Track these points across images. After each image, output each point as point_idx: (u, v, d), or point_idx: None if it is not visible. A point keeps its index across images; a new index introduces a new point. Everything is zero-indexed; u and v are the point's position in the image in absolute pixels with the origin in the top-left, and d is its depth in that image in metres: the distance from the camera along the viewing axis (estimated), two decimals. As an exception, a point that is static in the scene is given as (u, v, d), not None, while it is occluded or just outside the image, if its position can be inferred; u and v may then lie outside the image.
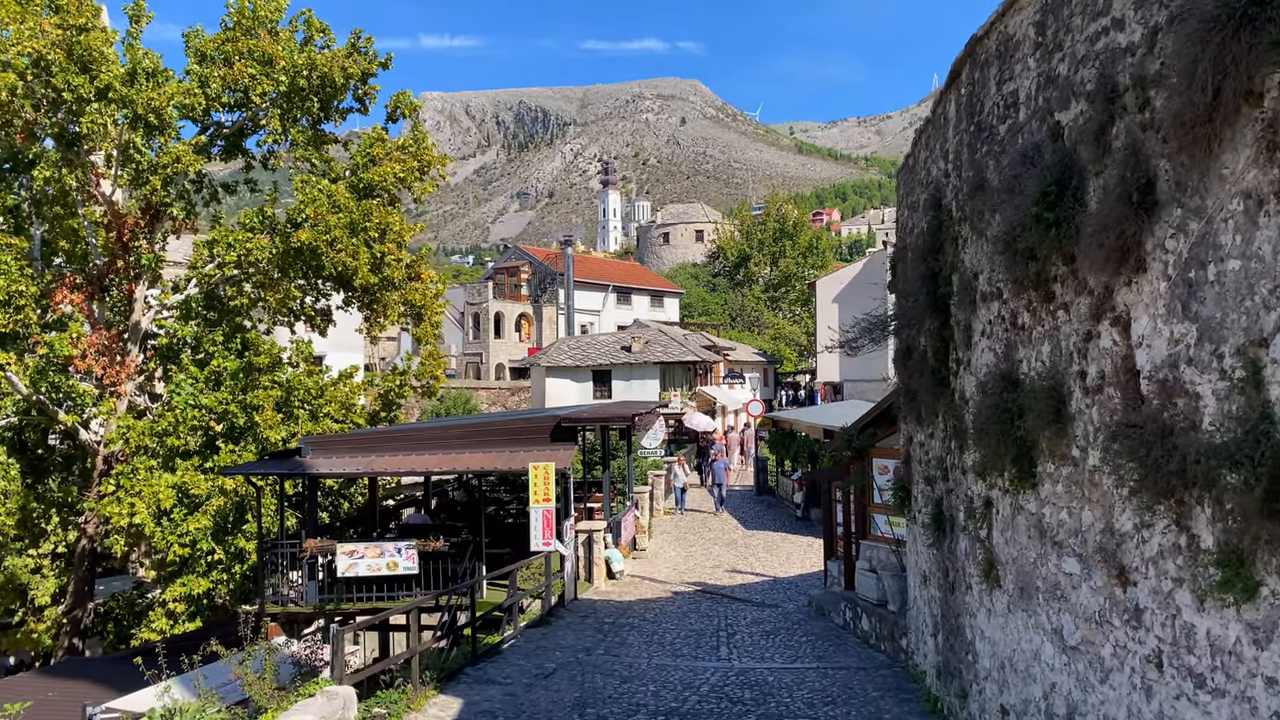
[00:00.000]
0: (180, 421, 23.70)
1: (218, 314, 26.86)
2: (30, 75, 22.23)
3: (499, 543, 19.95)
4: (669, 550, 25.73)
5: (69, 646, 25.25)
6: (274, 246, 24.89)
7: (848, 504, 16.28)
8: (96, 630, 26.18)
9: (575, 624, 15.96)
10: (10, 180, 24.21)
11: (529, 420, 19.43)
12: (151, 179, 23.87)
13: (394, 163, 26.09)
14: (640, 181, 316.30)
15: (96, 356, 23.97)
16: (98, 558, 25.59)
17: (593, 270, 73.14)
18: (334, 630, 9.39)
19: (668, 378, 46.99)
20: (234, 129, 26.22)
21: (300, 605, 17.88)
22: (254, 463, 19.56)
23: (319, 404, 24.59)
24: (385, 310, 26.85)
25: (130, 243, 24.95)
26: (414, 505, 25.02)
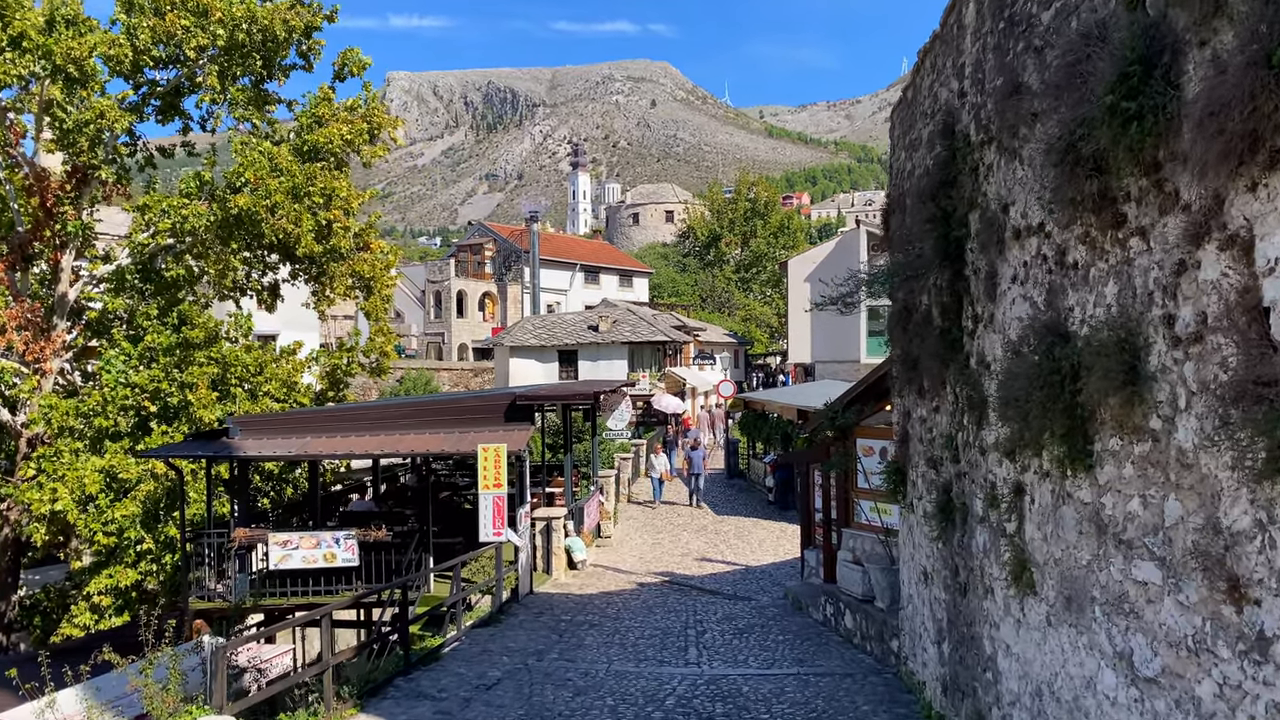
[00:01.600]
0: (109, 401, 21.90)
1: (154, 286, 25.03)
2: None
3: (450, 531, 18.39)
4: (635, 538, 24.32)
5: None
6: (212, 214, 23.07)
7: (828, 488, 14.90)
8: (22, 624, 24.39)
9: (528, 622, 14.47)
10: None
11: (481, 399, 17.90)
12: (78, 139, 21.98)
13: (341, 124, 24.30)
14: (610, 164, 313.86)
15: (18, 330, 22.12)
16: (23, 547, 23.75)
17: (560, 249, 71.34)
18: (208, 646, 7.84)
19: (636, 358, 45.51)
20: (169, 87, 24.26)
21: (229, 600, 16.25)
22: (175, 444, 17.90)
23: (258, 382, 22.82)
24: (332, 282, 25.14)
25: (55, 208, 23.03)
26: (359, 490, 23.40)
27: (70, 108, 21.95)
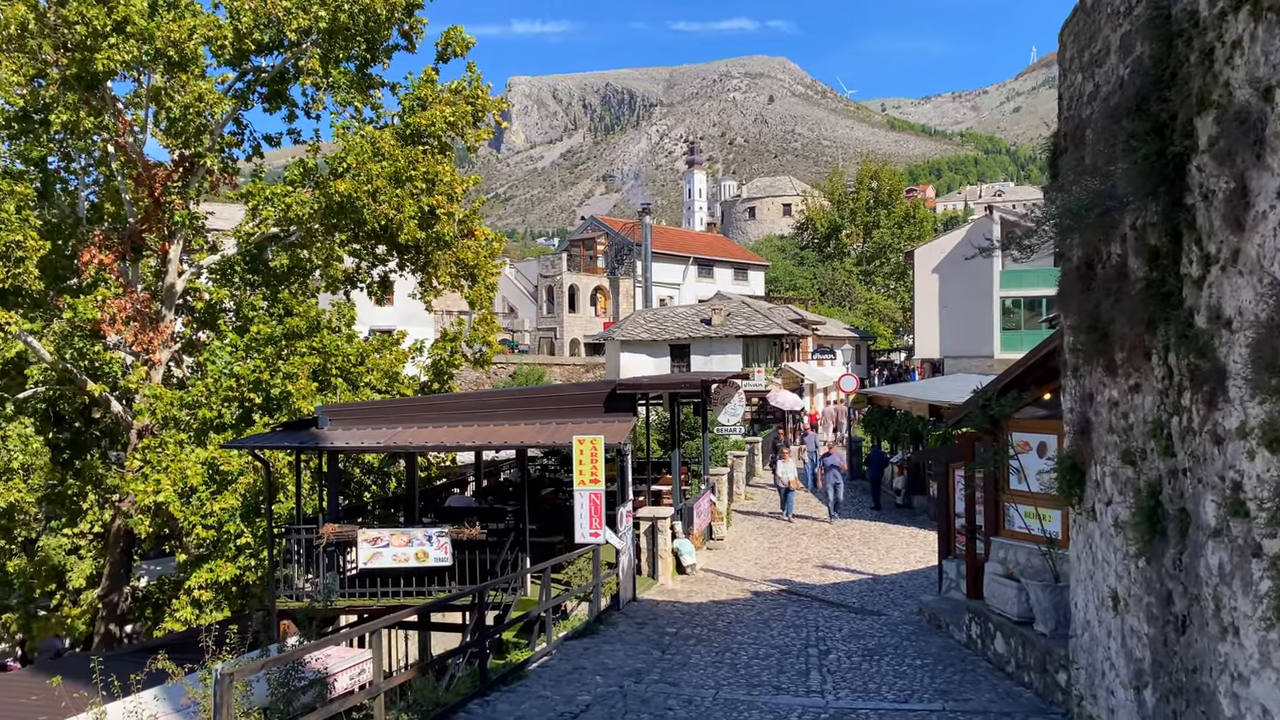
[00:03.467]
0: (213, 392, 21.54)
1: (261, 277, 24.71)
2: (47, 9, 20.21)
3: (550, 529, 17.14)
4: (750, 541, 22.66)
5: (105, 633, 23.48)
6: (315, 201, 22.50)
7: (972, 490, 12.97)
8: (135, 615, 24.39)
9: (629, 634, 13.01)
10: (39, 132, 22.25)
11: (579, 388, 16.58)
12: (184, 128, 21.68)
13: (444, 106, 23.40)
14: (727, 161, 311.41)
15: (126, 322, 21.97)
16: (135, 538, 23.70)
17: (672, 242, 69.92)
18: (218, 674, 6.62)
19: (751, 353, 43.73)
20: (274, 74, 23.85)
21: (316, 600, 15.34)
22: (264, 435, 17.17)
23: (359, 372, 22.12)
24: (436, 271, 24.30)
25: (163, 199, 22.84)
26: (461, 485, 22.43)
27: (175, 94, 21.66)
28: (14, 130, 21.87)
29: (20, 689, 15.72)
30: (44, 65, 20.83)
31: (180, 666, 9.78)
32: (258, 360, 21.52)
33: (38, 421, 22.69)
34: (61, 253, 22.84)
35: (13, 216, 18.51)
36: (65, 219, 24.15)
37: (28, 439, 21.38)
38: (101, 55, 20.10)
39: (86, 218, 24.27)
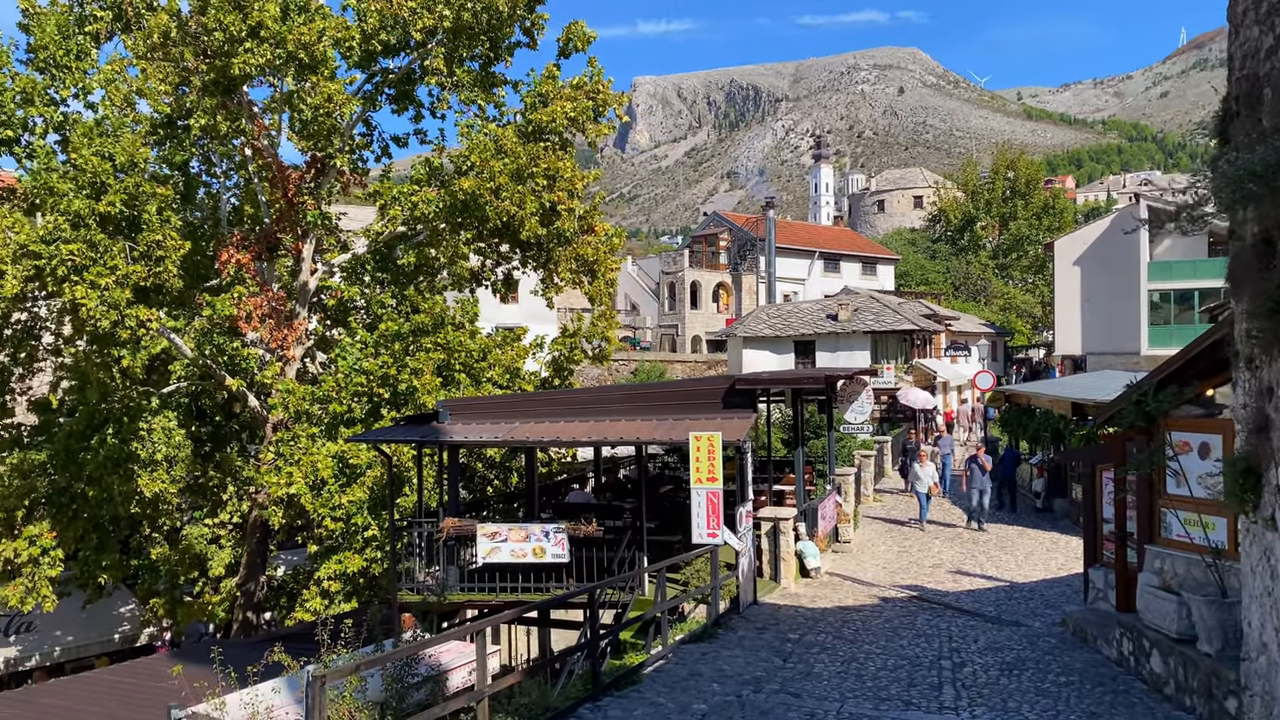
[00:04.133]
0: (343, 387, 22.04)
1: (390, 275, 25.20)
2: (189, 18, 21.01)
3: (668, 528, 16.77)
4: (878, 544, 21.79)
5: (244, 620, 24.33)
6: (441, 200, 22.76)
7: (1121, 494, 11.96)
8: (271, 604, 25.22)
9: (748, 639, 12.50)
10: (182, 137, 23.20)
11: (697, 383, 16.16)
12: (315, 129, 22.22)
13: (565, 101, 23.31)
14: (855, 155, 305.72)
15: (262, 319, 22.69)
16: (270, 529, 24.49)
17: (797, 236, 68.65)
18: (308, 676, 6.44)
19: (880, 349, 42.41)
20: (400, 75, 24.26)
21: (436, 594, 15.38)
22: (386, 429, 17.35)
23: (481, 368, 22.26)
24: (557, 268, 24.27)
25: (296, 199, 23.49)
26: (581, 481, 22.30)
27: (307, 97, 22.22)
28: (159, 136, 22.84)
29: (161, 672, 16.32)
30: (186, 73, 21.66)
31: (298, 659, 9.80)
32: (385, 356, 21.90)
33: (181, 415, 23.62)
34: (203, 253, 23.74)
35: (154, 217, 19.26)
36: (207, 221, 25.14)
37: (170, 432, 22.27)
38: (237, 60, 20.73)
39: (228, 220, 25.18)
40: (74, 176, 19.24)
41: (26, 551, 21.41)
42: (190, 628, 24.99)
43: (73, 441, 21.70)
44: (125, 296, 18.58)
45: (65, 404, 23.46)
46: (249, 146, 23.40)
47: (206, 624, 25.16)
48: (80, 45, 20.52)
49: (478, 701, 7.48)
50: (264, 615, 25.39)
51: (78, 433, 21.93)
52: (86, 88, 20.94)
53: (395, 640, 10.81)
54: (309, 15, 21.71)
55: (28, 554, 21.40)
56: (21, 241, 18.11)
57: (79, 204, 18.47)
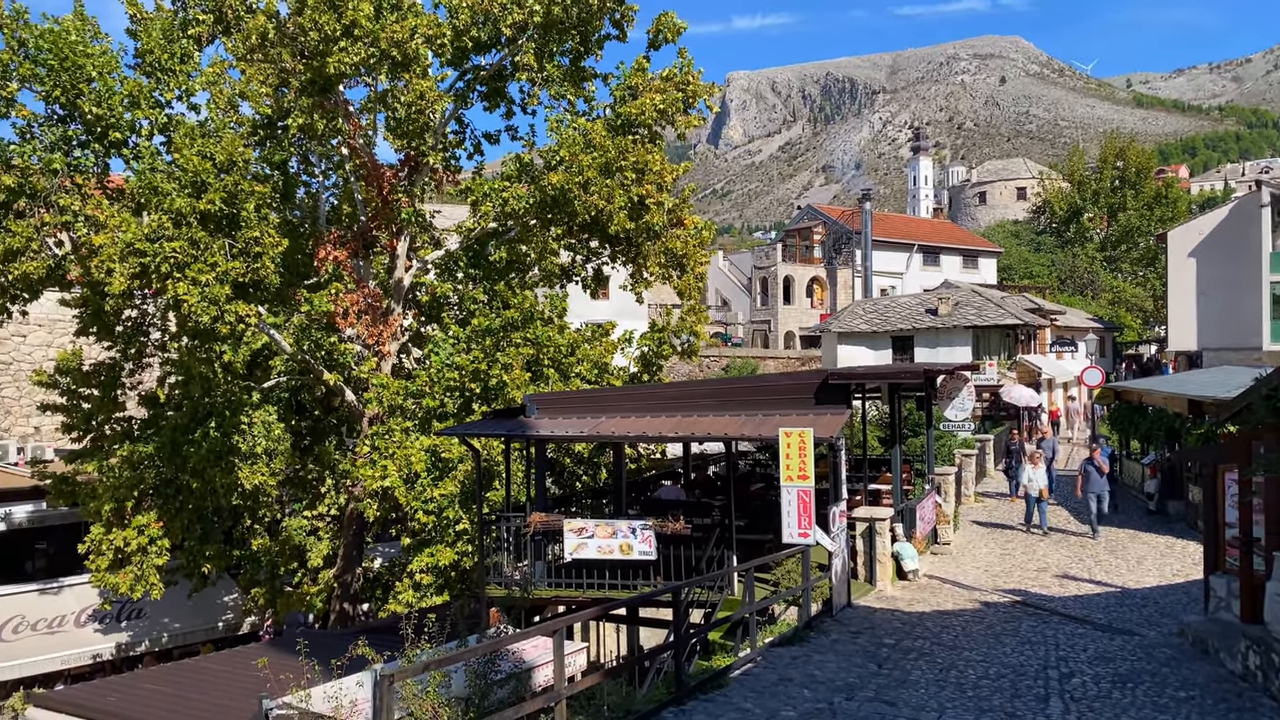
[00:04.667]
0: (435, 381, 22.24)
1: (481, 271, 25.35)
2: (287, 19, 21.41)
3: (758, 527, 16.37)
4: (979, 546, 20.97)
5: (340, 611, 24.79)
6: (531, 195, 22.76)
7: (1247, 497, 11.11)
8: (367, 595, 25.64)
9: (841, 644, 12.04)
10: (281, 137, 23.70)
11: (788, 378, 15.76)
12: (408, 127, 22.45)
13: (654, 93, 23.04)
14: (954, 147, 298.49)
15: (358, 315, 23.03)
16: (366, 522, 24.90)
17: (894, 229, 67.11)
18: (376, 674, 6.26)
19: (981, 344, 41.06)
20: (492, 71, 24.36)
21: (523, 589, 15.30)
22: (473, 423, 17.40)
23: (570, 363, 22.20)
24: (646, 262, 24.03)
25: (390, 196, 23.79)
26: (671, 478, 22.02)
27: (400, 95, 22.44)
28: (260, 137, 23.37)
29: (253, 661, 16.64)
30: (285, 74, 22.09)
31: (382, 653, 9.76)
32: (476, 351, 22.01)
33: (281, 410, 24.14)
34: (303, 251, 24.21)
35: (252, 215, 19.66)
36: (306, 220, 25.66)
37: (270, 426, 22.76)
38: (332, 59, 21.00)
39: (327, 218, 25.65)
40: (177, 176, 19.79)
41: (136, 540, 22.13)
42: (290, 617, 25.59)
43: (178, 434, 22.33)
44: (224, 292, 19.00)
45: (173, 398, 24.19)
46: (345, 146, 23.78)
47: (306, 614, 25.73)
48: (184, 49, 21.09)
49: (555, 704, 7.26)
50: (361, 606, 25.84)
51: (182, 426, 22.56)
52: (189, 90, 21.51)
53: (479, 636, 10.70)
54: (401, 13, 21.89)
55: (137, 543, 22.13)
56: (128, 240, 18.67)
57: (181, 202, 18.95)
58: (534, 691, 9.88)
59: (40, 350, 32.32)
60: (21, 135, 19.95)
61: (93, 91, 19.87)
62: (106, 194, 20.96)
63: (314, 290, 22.65)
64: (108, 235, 18.96)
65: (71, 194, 20.00)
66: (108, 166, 21.54)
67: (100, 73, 19.97)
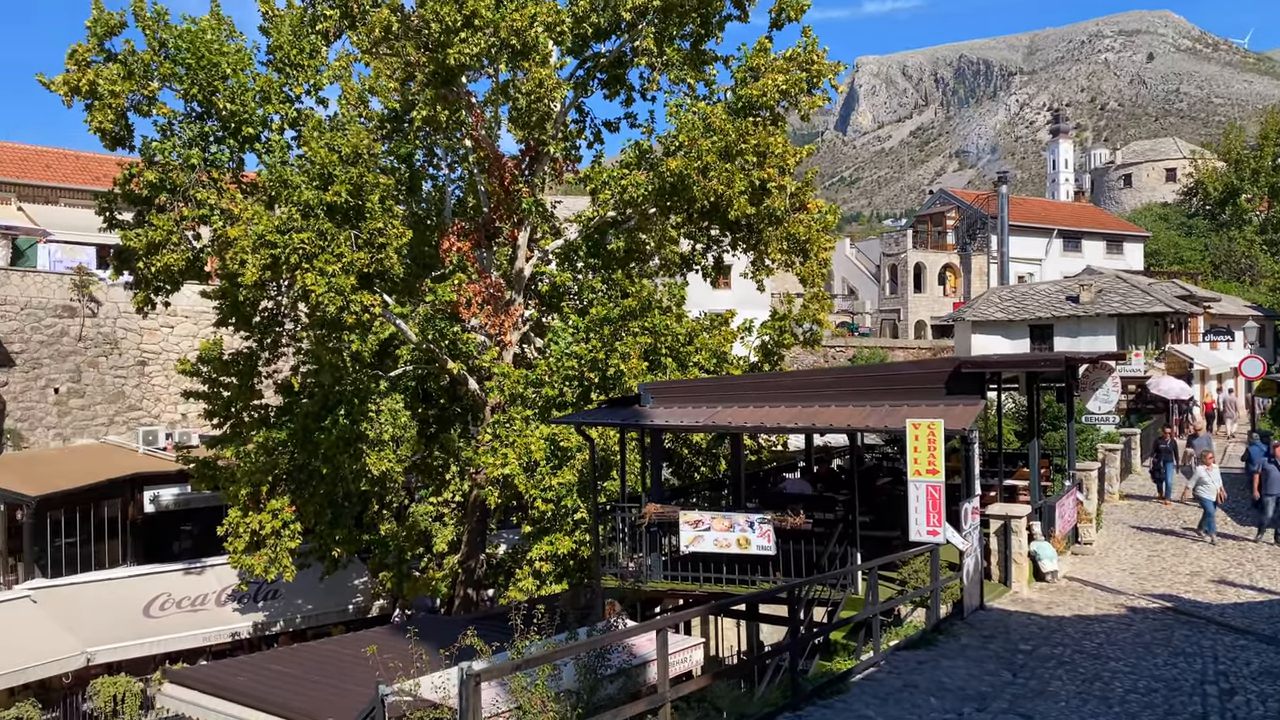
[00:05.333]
0: (554, 371, 22.25)
1: (601, 260, 25.25)
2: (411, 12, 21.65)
3: (885, 523, 15.63)
4: (1124, 546, 19.63)
5: (464, 596, 25.16)
6: (650, 182, 22.46)
7: None
8: (490, 581, 25.91)
9: (972, 648, 11.29)
10: (408, 131, 24.07)
11: (917, 367, 14.95)
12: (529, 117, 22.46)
13: (777, 74, 22.40)
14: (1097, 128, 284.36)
15: (481, 305, 23.23)
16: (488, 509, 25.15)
17: (1032, 213, 64.12)
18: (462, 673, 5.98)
19: (1127, 334, 38.75)
20: (611, 58, 24.19)
21: (639, 581, 15.02)
22: (587, 411, 17.21)
23: (687, 352, 21.83)
24: (767, 248, 23.41)
25: (511, 187, 23.90)
26: (793, 470, 21.39)
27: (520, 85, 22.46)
28: (387, 130, 23.78)
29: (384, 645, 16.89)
30: (410, 67, 22.36)
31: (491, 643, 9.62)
32: (595, 341, 21.89)
33: (407, 398, 24.58)
34: (429, 243, 24.57)
35: (376, 206, 19.99)
36: (432, 212, 26.05)
37: (397, 413, 23.18)
38: (453, 50, 21.11)
39: (452, 211, 25.97)
40: (305, 169, 20.29)
41: (270, 524, 22.90)
42: (418, 601, 26.09)
43: (309, 421, 22.96)
44: (350, 283, 19.37)
45: (306, 387, 24.93)
46: (469, 137, 23.98)
47: (433, 598, 26.21)
48: (312, 44, 21.59)
49: (658, 707, 6.89)
50: (486, 592, 26.15)
51: (313, 413, 23.19)
52: (318, 84, 22.02)
53: (589, 629, 10.46)
54: (521, 1, 21.89)
55: (271, 526, 22.89)
56: (260, 232, 19.23)
57: (308, 195, 19.40)
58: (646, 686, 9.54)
59: (186, 341, 33.91)
60: (162, 133, 20.77)
61: (227, 88, 20.54)
62: (241, 188, 21.66)
63: (439, 281, 22.94)
64: (241, 228, 19.58)
65: (208, 188, 20.74)
66: (243, 161, 22.28)
67: (234, 70, 20.63)
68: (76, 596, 24.22)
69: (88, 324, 32.36)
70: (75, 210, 35.30)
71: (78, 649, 22.47)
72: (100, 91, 19.18)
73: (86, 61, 19.33)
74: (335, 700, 12.82)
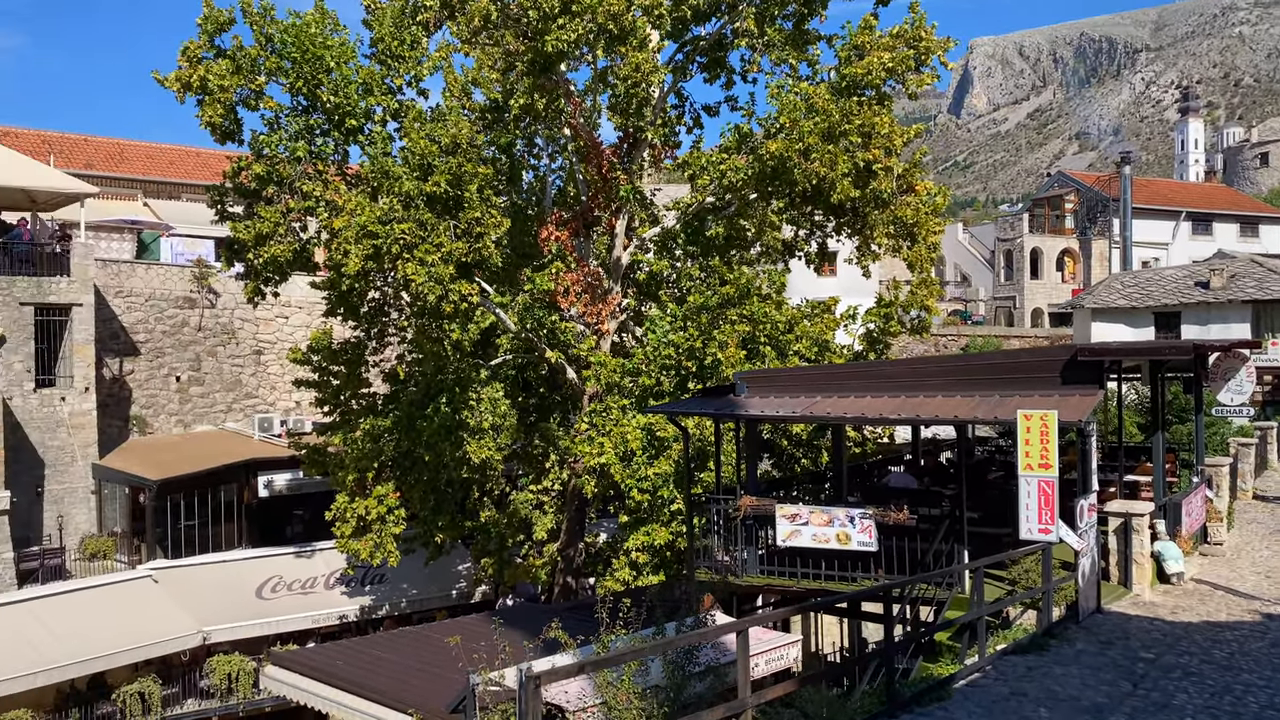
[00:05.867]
0: (651, 360, 22.00)
1: (700, 248, 24.89)
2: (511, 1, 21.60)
3: (995, 519, 14.88)
4: (1258, 548, 18.29)
5: (564, 584, 25.22)
6: (749, 166, 21.96)
7: None
8: (589, 570, 25.91)
9: (1088, 655, 10.55)
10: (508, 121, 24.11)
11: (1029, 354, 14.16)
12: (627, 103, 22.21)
13: (882, 51, 21.60)
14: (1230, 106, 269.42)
15: (578, 294, 23.15)
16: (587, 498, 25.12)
17: (1157, 194, 60.85)
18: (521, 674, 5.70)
19: (1264, 320, 36.43)
20: (711, 40, 23.78)
21: (735, 576, 14.66)
22: (681, 401, 16.89)
23: (787, 340, 21.28)
24: (872, 232, 22.63)
25: (609, 174, 23.72)
26: (899, 463, 20.66)
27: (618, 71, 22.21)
28: (488, 120, 23.87)
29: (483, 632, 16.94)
30: (510, 56, 22.31)
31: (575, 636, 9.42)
32: (692, 329, 21.56)
33: (508, 386, 24.71)
34: (529, 232, 24.60)
35: (474, 196, 20.04)
36: (532, 202, 26.09)
37: (496, 402, 23.30)
38: (550, 37, 20.98)
39: (553, 200, 25.97)
40: (406, 160, 20.49)
41: (375, 510, 23.34)
42: (522, 588, 26.28)
43: (413, 409, 23.28)
44: (449, 272, 19.48)
45: (411, 375, 25.30)
46: (567, 125, 23.87)
47: (535, 586, 26.36)
48: (413, 35, 21.77)
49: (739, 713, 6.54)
50: (586, 581, 26.15)
51: (417, 401, 23.52)
52: (418, 75, 22.21)
53: (677, 624, 10.17)
54: (618, -17, 21.60)
55: (376, 512, 23.34)
56: (362, 222, 19.50)
57: (409, 185, 19.59)
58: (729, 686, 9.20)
59: (300, 331, 34.89)
60: (270, 126, 21.26)
61: (331, 81, 20.88)
62: (346, 180, 22.03)
63: (539, 270, 22.95)
64: (344, 219, 19.91)
65: (314, 180, 21.15)
66: (347, 154, 22.67)
67: (338, 63, 20.96)
68: (194, 577, 25.21)
69: (207, 315, 33.61)
70: (196, 205, 36.69)
71: (195, 628, 23.36)
72: (210, 87, 19.72)
73: (198, 58, 19.89)
74: (428, 687, 12.88)
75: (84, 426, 28.33)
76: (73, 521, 27.93)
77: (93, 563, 26.74)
